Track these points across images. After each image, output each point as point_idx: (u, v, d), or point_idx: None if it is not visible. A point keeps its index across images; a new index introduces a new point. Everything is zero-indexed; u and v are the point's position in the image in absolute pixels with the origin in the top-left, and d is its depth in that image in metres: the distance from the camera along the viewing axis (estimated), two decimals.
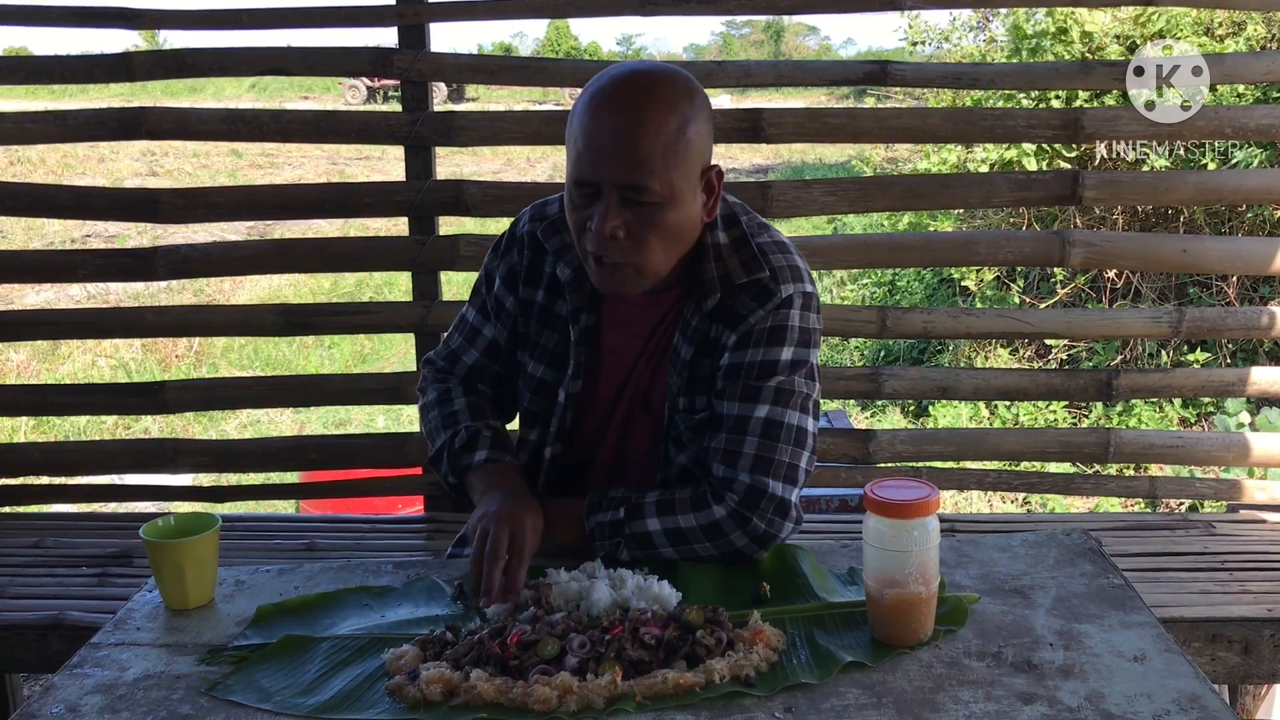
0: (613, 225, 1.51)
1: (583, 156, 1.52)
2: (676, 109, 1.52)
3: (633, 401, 1.74)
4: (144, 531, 1.56)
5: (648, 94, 1.51)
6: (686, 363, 1.65)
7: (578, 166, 1.53)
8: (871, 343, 6.73)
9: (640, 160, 1.49)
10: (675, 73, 1.58)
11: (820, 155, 16.01)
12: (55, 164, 14.15)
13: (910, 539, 1.36)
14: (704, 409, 1.66)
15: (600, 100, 1.52)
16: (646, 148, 1.49)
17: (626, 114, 1.50)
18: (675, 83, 1.55)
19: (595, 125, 1.51)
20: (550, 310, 1.74)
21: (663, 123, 1.50)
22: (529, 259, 1.74)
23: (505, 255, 1.77)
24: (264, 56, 2.97)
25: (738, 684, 1.29)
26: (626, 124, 1.49)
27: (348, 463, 3.18)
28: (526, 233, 1.75)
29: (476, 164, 14.46)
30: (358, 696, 1.32)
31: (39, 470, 3.28)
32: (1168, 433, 3.25)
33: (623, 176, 1.50)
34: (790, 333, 1.62)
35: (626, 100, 1.51)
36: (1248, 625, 2.35)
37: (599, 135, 1.50)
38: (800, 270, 1.66)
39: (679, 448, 1.70)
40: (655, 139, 1.49)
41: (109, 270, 3.15)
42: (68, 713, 1.31)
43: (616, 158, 1.50)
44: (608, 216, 1.51)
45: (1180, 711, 1.23)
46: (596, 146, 1.50)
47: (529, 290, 1.75)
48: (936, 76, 3.19)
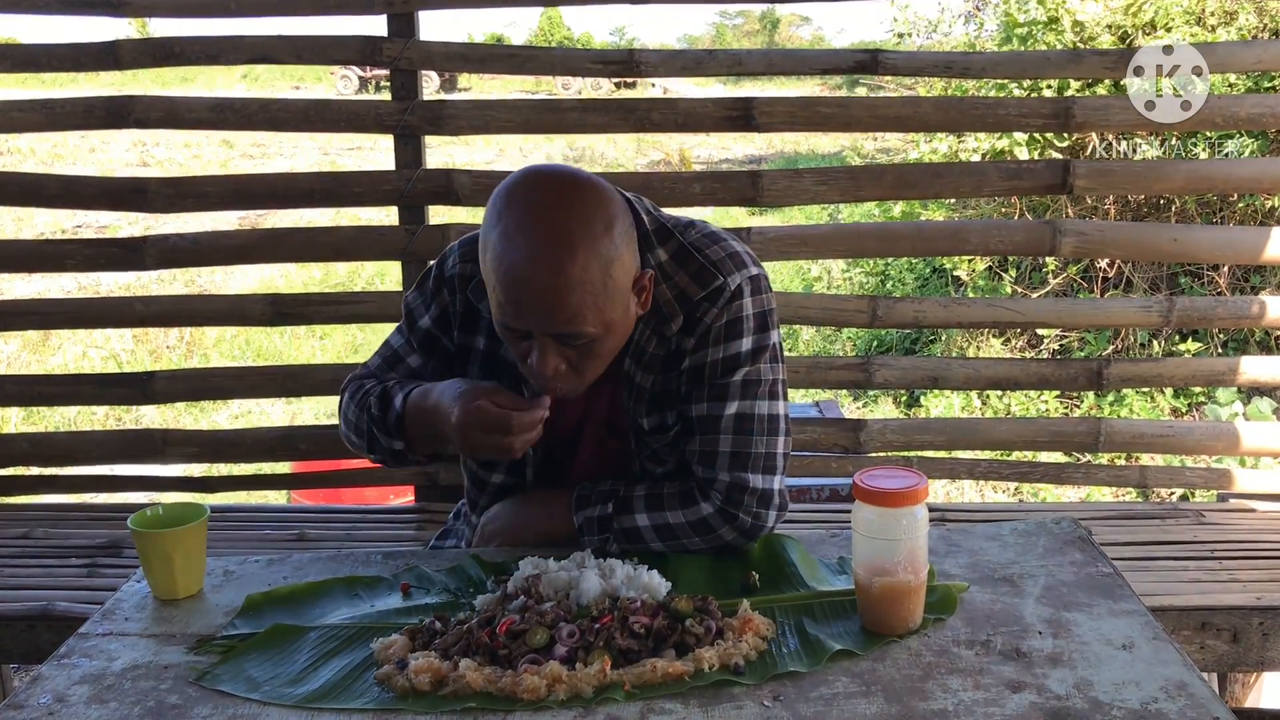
0: (554, 365, 1.46)
1: (505, 306, 1.43)
2: (597, 252, 1.41)
3: (597, 428, 1.70)
4: (132, 522, 1.55)
5: (564, 243, 1.40)
6: (646, 388, 1.62)
7: (503, 313, 1.44)
8: (863, 332, 6.74)
9: (572, 315, 1.42)
10: (589, 197, 1.45)
11: (813, 146, 16.01)
12: (45, 154, 14.08)
13: (899, 527, 1.36)
14: (675, 424, 1.64)
15: (514, 245, 1.40)
16: (575, 302, 1.41)
17: (546, 269, 1.39)
18: (590, 217, 1.42)
19: (514, 278, 1.40)
20: (495, 355, 1.66)
21: (585, 274, 1.40)
22: (461, 303, 1.66)
23: (436, 296, 1.69)
24: (252, 45, 2.95)
25: (727, 673, 1.29)
26: (547, 283, 1.40)
27: (339, 453, 3.17)
28: (457, 274, 1.66)
29: (470, 154, 14.42)
30: (346, 686, 1.32)
31: (28, 461, 3.26)
32: (1158, 422, 3.25)
33: (553, 328, 1.43)
34: (746, 322, 1.59)
35: (544, 254, 1.40)
36: (1237, 614, 2.35)
37: (520, 290, 1.41)
38: (740, 255, 1.61)
39: (656, 463, 1.68)
40: (582, 292, 1.41)
41: (98, 260, 3.13)
42: (55, 703, 1.30)
43: (544, 315, 1.42)
44: (545, 360, 1.46)
45: (1168, 699, 1.23)
46: (519, 301, 1.42)
47: (466, 336, 1.68)
48: (928, 65, 3.19)
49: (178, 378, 3.22)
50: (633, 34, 50.70)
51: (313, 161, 14.48)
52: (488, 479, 1.75)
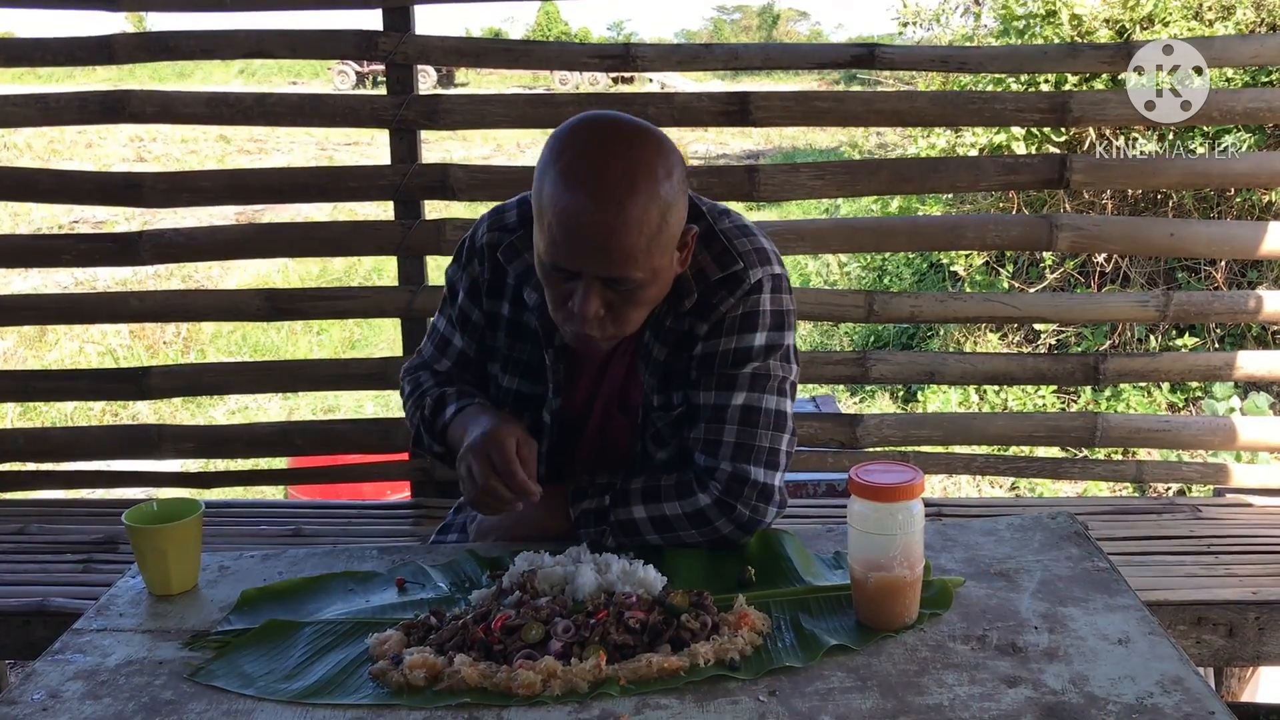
0: (595, 308, 1.46)
1: (559, 245, 1.43)
2: (657, 197, 1.42)
3: (609, 404, 1.71)
4: (127, 517, 1.55)
5: (627, 182, 1.40)
6: (660, 362, 1.63)
7: (554, 252, 1.44)
8: (860, 327, 6.73)
9: (625, 256, 1.42)
10: (650, 143, 1.46)
11: (810, 140, 16.00)
12: (41, 149, 14.07)
13: (895, 522, 1.36)
14: (681, 404, 1.65)
15: (574, 182, 1.41)
16: (630, 243, 1.41)
17: (607, 208, 1.39)
18: (653, 160, 1.44)
19: (572, 215, 1.40)
20: (519, 323, 1.69)
21: (644, 215, 1.41)
22: (490, 270, 1.68)
23: (467, 267, 1.71)
24: (248, 39, 2.95)
25: (722, 668, 1.29)
26: (607, 220, 1.40)
27: (335, 448, 3.18)
28: (486, 243, 1.68)
29: (466, 149, 14.41)
30: (341, 681, 1.32)
31: (23, 456, 3.26)
32: (1155, 417, 3.26)
33: (606, 269, 1.43)
34: (762, 317, 1.60)
35: (606, 192, 1.40)
36: (1233, 608, 2.35)
37: (577, 227, 1.41)
38: (767, 252, 1.62)
39: (658, 444, 1.68)
40: (639, 233, 1.41)
41: (94, 255, 3.12)
42: (50, 699, 1.30)
43: (599, 253, 1.42)
44: (589, 301, 1.45)
45: (1164, 694, 1.23)
46: (575, 238, 1.42)
47: (493, 303, 1.70)
48: (924, 59, 3.18)
49: (174, 373, 3.22)
50: (630, 29, 50.73)
51: (309, 156, 14.48)
52: None
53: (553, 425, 1.71)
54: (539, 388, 1.69)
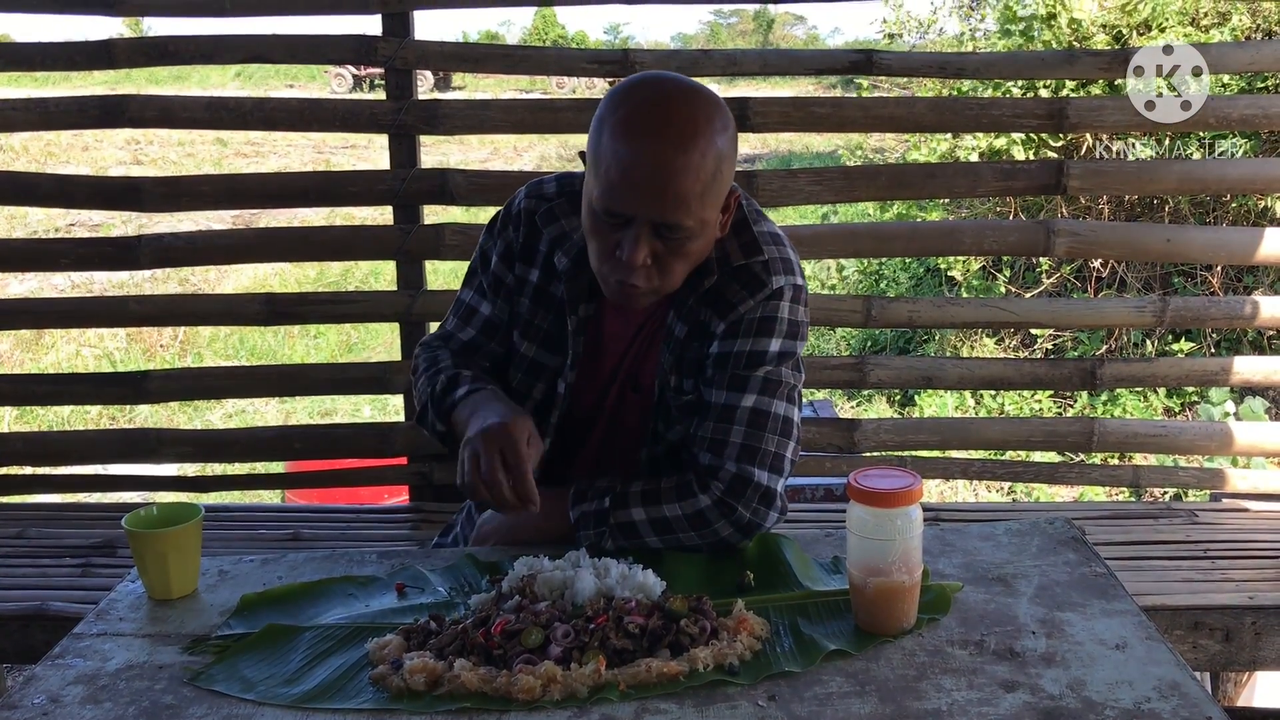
0: (643, 255, 1.49)
1: (616, 187, 1.46)
2: (714, 145, 1.47)
3: (624, 381, 1.73)
4: (126, 521, 1.55)
5: (688, 129, 1.45)
6: (680, 340, 1.65)
7: (609, 196, 1.47)
8: (857, 332, 6.75)
9: (679, 200, 1.45)
10: (709, 99, 1.51)
11: (808, 145, 16.01)
12: (39, 152, 14.05)
13: (894, 527, 1.36)
14: (691, 391, 1.66)
15: (636, 128, 1.46)
16: (686, 187, 1.45)
17: (667, 151, 1.44)
18: (712, 114, 1.48)
19: (632, 157, 1.44)
20: (545, 291, 1.71)
21: (702, 161, 1.45)
22: (524, 236, 1.71)
23: (502, 233, 1.74)
24: (246, 44, 2.95)
25: (721, 672, 1.29)
26: (667, 162, 1.44)
27: (333, 453, 3.18)
28: (524, 209, 1.71)
29: (464, 153, 14.42)
30: (341, 686, 1.32)
31: (22, 460, 3.26)
32: (1151, 422, 3.25)
33: (659, 213, 1.46)
34: (779, 324, 1.62)
35: (668, 134, 1.45)
36: (1229, 613, 2.36)
37: (636, 168, 1.44)
38: (792, 263, 1.65)
39: (668, 424, 1.69)
40: (695, 179, 1.45)
41: (92, 259, 3.12)
42: (50, 703, 1.30)
43: (655, 195, 1.45)
44: (638, 248, 1.48)
45: (1161, 699, 1.23)
46: (633, 180, 1.45)
47: (524, 268, 1.72)
48: (922, 65, 3.19)
49: (172, 377, 3.21)
50: (628, 33, 50.76)
51: (307, 160, 14.47)
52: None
53: (566, 397, 1.71)
54: (556, 358, 1.71)
